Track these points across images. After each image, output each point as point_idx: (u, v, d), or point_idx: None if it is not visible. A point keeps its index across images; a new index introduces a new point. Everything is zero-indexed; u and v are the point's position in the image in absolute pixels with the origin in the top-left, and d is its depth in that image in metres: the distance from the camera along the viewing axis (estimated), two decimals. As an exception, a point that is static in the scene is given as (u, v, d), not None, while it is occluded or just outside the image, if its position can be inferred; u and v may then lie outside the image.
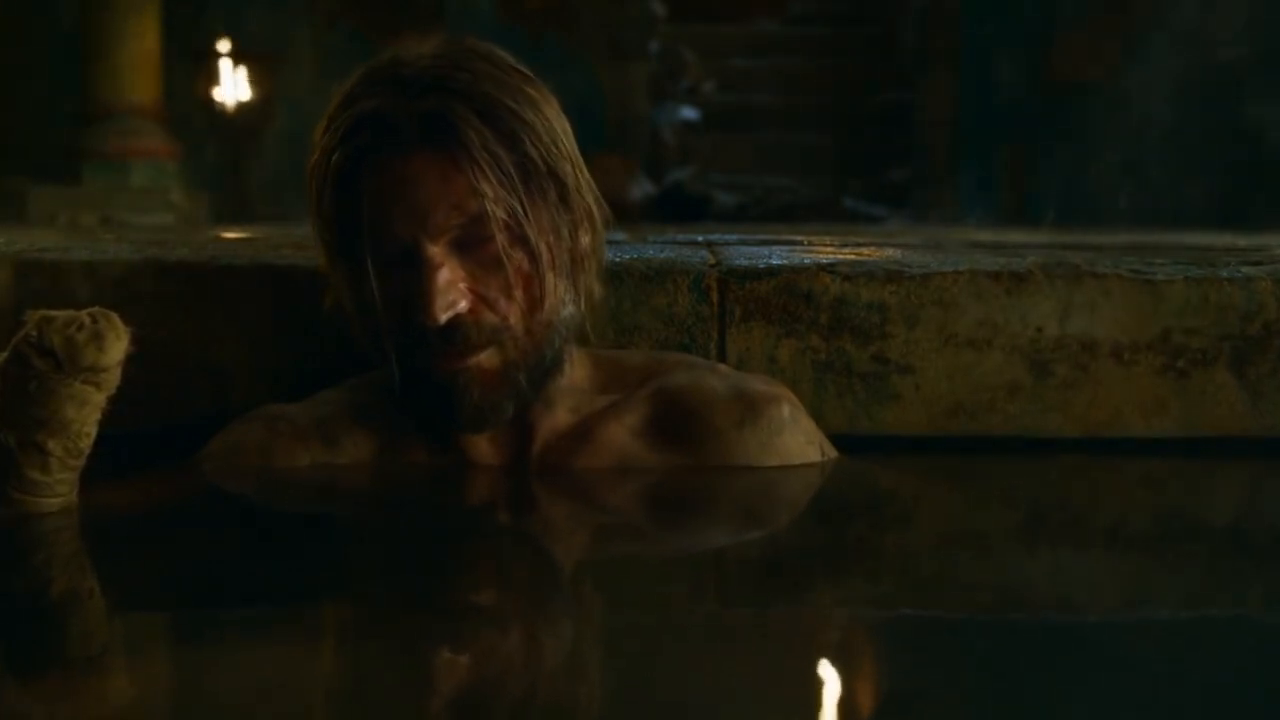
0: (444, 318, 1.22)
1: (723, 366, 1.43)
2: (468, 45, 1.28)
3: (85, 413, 1.15)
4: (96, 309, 1.15)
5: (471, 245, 1.24)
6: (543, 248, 1.26)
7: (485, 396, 1.27)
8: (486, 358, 1.26)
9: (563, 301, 1.30)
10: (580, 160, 1.30)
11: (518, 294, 1.25)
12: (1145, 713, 0.81)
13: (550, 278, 1.27)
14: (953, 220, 6.00)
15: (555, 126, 1.27)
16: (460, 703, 0.82)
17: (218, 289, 1.53)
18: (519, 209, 1.23)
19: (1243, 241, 2.36)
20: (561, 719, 0.80)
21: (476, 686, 0.84)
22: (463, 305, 1.23)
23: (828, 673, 0.88)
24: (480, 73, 1.25)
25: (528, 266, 1.25)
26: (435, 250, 1.22)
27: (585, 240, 1.31)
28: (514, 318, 1.26)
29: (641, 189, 6.06)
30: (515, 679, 0.86)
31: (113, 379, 1.15)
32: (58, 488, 1.17)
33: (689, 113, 6.89)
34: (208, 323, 1.53)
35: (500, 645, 0.93)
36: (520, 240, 1.24)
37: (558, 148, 1.27)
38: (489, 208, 1.22)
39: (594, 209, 1.31)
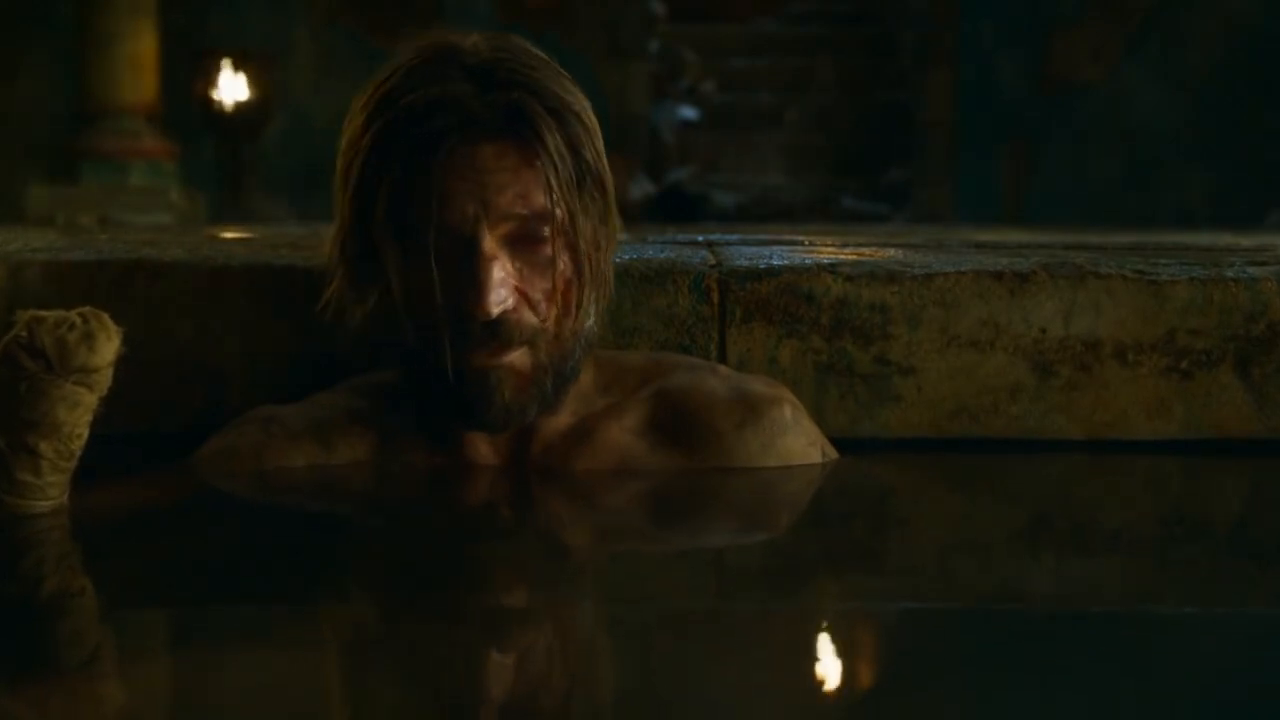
0: (496, 311, 1.22)
1: (723, 368, 1.43)
2: (519, 42, 1.28)
3: (77, 414, 1.14)
4: (88, 309, 1.14)
5: (524, 244, 1.24)
6: (586, 257, 1.26)
7: (515, 397, 1.27)
8: (519, 357, 1.26)
9: (588, 314, 1.30)
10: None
11: (558, 298, 1.26)
12: (1147, 713, 0.81)
13: (588, 288, 1.27)
14: (952, 220, 6.00)
15: (599, 138, 1.28)
16: (459, 702, 0.82)
17: (213, 289, 1.52)
18: (575, 214, 1.24)
19: (1246, 241, 2.35)
20: (562, 717, 0.80)
21: (475, 686, 0.84)
22: (511, 302, 1.24)
23: (828, 673, 0.88)
24: (548, 74, 1.26)
25: (571, 273, 1.26)
26: (491, 242, 1.22)
27: (609, 258, 1.32)
28: (551, 321, 1.26)
29: (641, 189, 6.06)
30: (515, 678, 0.86)
31: (104, 380, 1.15)
32: (49, 490, 1.16)
33: (688, 112, 6.90)
34: (203, 323, 1.52)
35: (500, 645, 0.92)
36: (570, 247, 1.25)
37: (604, 159, 1.28)
38: (554, 208, 1.22)
39: (618, 228, 1.32)
